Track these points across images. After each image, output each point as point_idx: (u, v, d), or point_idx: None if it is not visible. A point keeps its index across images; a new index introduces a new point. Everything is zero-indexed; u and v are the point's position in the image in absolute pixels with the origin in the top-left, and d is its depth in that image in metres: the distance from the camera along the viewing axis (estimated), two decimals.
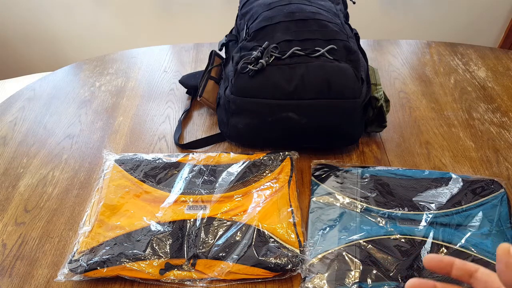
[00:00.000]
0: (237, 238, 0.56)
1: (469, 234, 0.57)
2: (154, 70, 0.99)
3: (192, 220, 0.59)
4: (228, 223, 0.59)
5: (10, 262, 0.58)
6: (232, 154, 0.70)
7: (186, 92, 0.91)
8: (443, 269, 0.33)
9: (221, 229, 0.58)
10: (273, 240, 0.56)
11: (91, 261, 0.53)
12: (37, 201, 0.67)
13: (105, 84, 0.95)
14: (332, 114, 0.65)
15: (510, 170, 0.71)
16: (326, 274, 0.53)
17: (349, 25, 0.77)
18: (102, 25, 1.81)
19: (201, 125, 0.83)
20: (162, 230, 0.57)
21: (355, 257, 0.55)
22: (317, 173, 0.68)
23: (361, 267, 0.54)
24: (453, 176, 0.66)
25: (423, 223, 0.59)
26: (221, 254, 0.55)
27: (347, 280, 0.52)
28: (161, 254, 0.54)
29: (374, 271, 0.53)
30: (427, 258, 0.33)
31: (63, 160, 0.75)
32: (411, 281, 0.33)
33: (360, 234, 0.58)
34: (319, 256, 0.55)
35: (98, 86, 0.94)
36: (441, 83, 0.93)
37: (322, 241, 0.57)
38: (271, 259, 0.53)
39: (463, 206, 0.61)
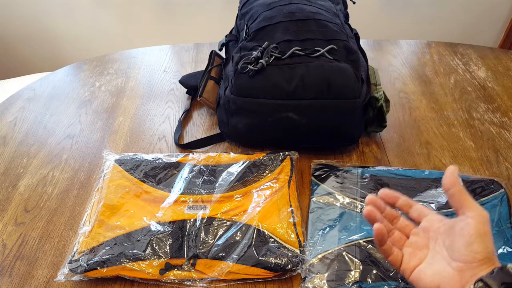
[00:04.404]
0: (237, 238, 0.56)
1: None
2: (154, 70, 0.99)
3: (192, 220, 0.59)
4: (228, 223, 0.59)
5: (10, 262, 0.58)
6: (232, 154, 0.70)
7: (186, 92, 0.91)
8: (391, 199, 0.44)
9: (221, 229, 0.58)
10: (273, 240, 0.56)
11: (91, 261, 0.53)
12: (37, 201, 0.67)
13: (105, 84, 0.95)
14: (332, 114, 0.65)
15: (510, 170, 0.71)
16: (326, 274, 0.53)
17: (349, 25, 0.77)
18: (102, 25, 1.81)
19: (201, 125, 0.83)
20: (162, 230, 0.57)
21: (355, 257, 0.55)
22: (317, 173, 0.68)
23: (361, 267, 0.54)
24: None
25: None
26: (221, 254, 0.55)
27: (347, 280, 0.52)
28: (161, 254, 0.54)
29: (374, 271, 0.53)
30: (383, 191, 0.44)
31: (63, 160, 0.75)
32: (369, 197, 0.43)
33: (360, 234, 0.58)
34: (319, 256, 0.55)
35: (98, 86, 0.94)
36: (441, 83, 0.93)
37: (322, 241, 0.57)
38: (271, 259, 0.53)
39: None
